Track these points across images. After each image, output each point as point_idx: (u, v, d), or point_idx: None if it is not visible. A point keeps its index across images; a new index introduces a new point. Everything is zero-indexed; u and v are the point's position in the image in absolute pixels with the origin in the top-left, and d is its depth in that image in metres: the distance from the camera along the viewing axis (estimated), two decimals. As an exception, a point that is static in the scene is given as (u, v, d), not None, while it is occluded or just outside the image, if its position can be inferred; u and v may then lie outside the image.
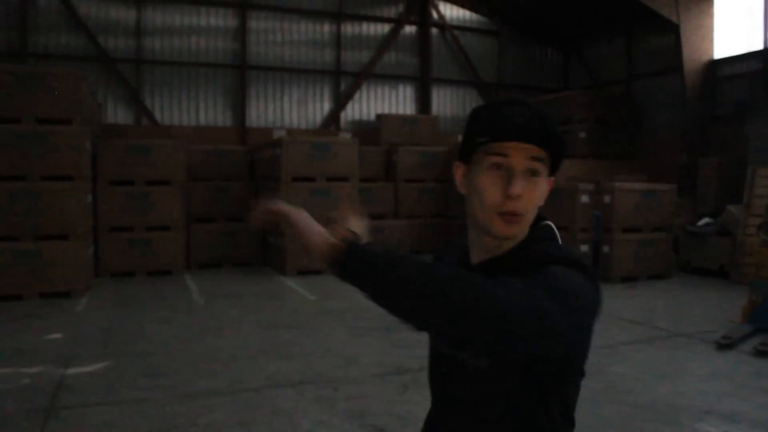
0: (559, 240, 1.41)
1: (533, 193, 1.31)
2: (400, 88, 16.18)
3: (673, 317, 7.51)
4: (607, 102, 14.82)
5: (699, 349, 6.16)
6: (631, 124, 15.01)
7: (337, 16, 15.49)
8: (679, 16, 12.69)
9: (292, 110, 15.16)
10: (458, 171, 1.42)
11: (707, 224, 10.74)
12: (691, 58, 13.03)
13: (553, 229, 1.42)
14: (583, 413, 4.39)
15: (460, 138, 1.35)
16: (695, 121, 13.25)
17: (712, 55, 13.27)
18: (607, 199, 9.99)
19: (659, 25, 13.72)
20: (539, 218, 1.42)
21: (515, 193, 1.27)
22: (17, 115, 8.44)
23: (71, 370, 5.24)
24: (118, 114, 13.85)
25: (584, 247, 9.98)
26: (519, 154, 1.28)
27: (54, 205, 8.47)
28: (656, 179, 11.80)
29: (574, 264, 1.25)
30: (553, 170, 1.37)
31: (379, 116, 14.93)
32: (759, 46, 12.55)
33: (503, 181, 1.29)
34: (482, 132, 1.31)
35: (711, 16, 13.18)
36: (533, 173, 1.30)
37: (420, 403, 1.57)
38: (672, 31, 13.22)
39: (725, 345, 6.18)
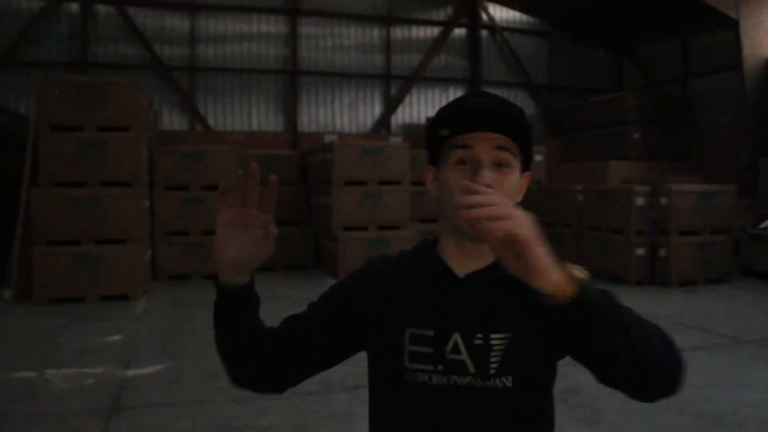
0: None
1: (504, 185, 1.24)
2: (451, 90, 16.13)
3: (735, 323, 7.28)
4: (662, 102, 14.50)
5: (763, 357, 5.96)
6: (687, 123, 14.65)
7: (387, 20, 15.55)
8: (738, 11, 12.34)
9: (343, 115, 15.28)
10: (428, 174, 1.38)
11: (770, 226, 10.40)
12: (751, 54, 12.64)
13: None
14: (643, 424, 4.32)
15: None
16: (755, 119, 12.85)
17: (773, 51, 12.85)
18: (663, 201, 9.76)
19: (717, 22, 13.37)
20: None
21: (482, 183, 1.20)
22: (79, 123, 8.71)
23: (131, 371, 5.38)
24: (173, 120, 14.18)
25: (640, 251, 9.77)
26: (483, 144, 1.24)
27: (113, 211, 8.70)
28: (715, 180, 11.47)
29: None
30: (525, 165, 1.32)
31: (429, 119, 14.91)
32: (823, 41, 12.12)
33: (471, 174, 1.23)
34: (443, 126, 1.28)
35: (772, 11, 12.77)
36: (501, 164, 1.25)
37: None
38: (730, 27, 12.86)
39: (791, 352, 5.98)
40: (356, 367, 5.37)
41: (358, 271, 1.46)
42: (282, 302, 8.43)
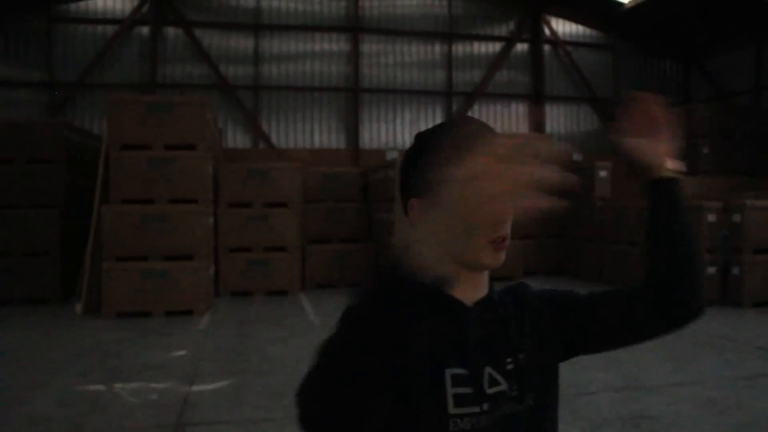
0: None
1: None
2: (513, 106, 15.98)
3: (816, 347, 6.91)
4: (732, 114, 13.99)
5: None
6: (760, 137, 14.09)
7: (448, 37, 15.53)
8: (815, 21, 11.84)
9: (405, 131, 15.30)
10: (415, 208, 1.24)
11: None
12: (830, 65, 12.10)
13: None
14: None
15: (575, 156, 1.24)
16: (835, 133, 12.27)
17: None
18: (736, 218, 9.38)
19: (792, 32, 12.86)
20: None
21: (504, 214, 1.08)
22: (148, 142, 8.97)
23: (195, 387, 5.44)
24: (237, 138, 14.47)
25: (712, 269, 9.40)
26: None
27: (180, 227, 8.90)
28: (791, 196, 10.99)
29: None
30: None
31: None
32: None
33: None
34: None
35: None
36: None
37: None
38: (807, 37, 12.35)
39: None
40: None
41: (377, 323, 1.17)
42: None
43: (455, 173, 1.00)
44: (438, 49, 15.59)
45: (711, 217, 9.48)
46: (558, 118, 16.28)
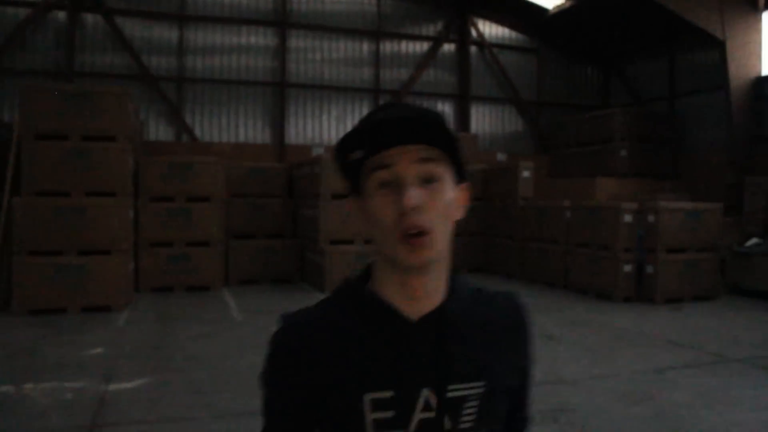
0: None
1: (435, 202, 1.09)
2: (439, 105, 16.12)
3: (722, 341, 7.27)
4: (649, 120, 14.61)
5: (753, 375, 5.94)
6: (674, 142, 14.74)
7: (376, 35, 15.55)
8: (724, 31, 12.46)
9: (331, 128, 15.23)
10: (350, 207, 1.19)
11: (756, 245, 10.45)
12: (737, 74, 12.76)
13: None
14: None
15: (499, 156, 1.20)
16: (741, 139, 12.95)
17: (759, 71, 12.98)
18: (651, 218, 9.77)
19: (703, 42, 13.49)
20: None
21: (409, 204, 1.05)
22: (64, 132, 8.60)
23: (113, 386, 5.24)
24: (159, 131, 14.06)
25: (627, 268, 9.76)
26: (403, 160, 1.07)
27: (97, 221, 8.58)
28: (701, 198, 11.54)
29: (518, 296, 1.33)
30: (459, 175, 1.16)
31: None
32: (808, 62, 12.26)
33: (394, 197, 1.07)
34: (354, 147, 1.10)
35: (758, 31, 12.91)
36: (429, 179, 1.09)
37: None
38: (717, 47, 12.98)
39: (780, 371, 5.96)
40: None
41: (275, 352, 1.18)
42: (267, 315, 8.34)
43: (367, 187, 1.11)
44: (366, 46, 15.59)
45: (627, 218, 9.83)
46: (483, 119, 16.55)
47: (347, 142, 1.12)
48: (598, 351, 6.69)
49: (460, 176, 1.16)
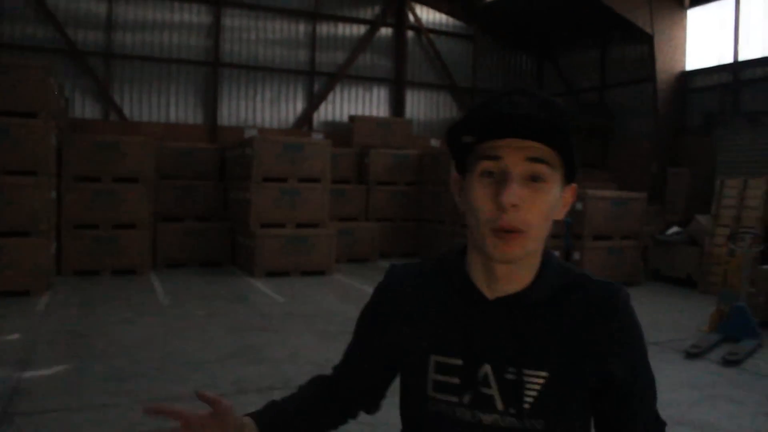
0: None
1: (536, 204, 1.07)
2: (374, 90, 16.11)
3: (642, 325, 7.50)
4: (580, 110, 14.93)
5: (668, 358, 6.17)
6: (603, 132, 15.13)
7: (313, 16, 15.37)
8: (653, 27, 12.82)
9: (265, 109, 15.01)
10: (455, 185, 1.20)
11: (676, 233, 10.84)
12: (664, 68, 13.17)
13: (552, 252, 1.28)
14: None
15: (433, 142, 1.20)
16: (666, 131, 13.39)
17: (684, 66, 13.45)
18: (579, 206, 10.02)
19: (633, 35, 13.87)
20: None
21: (507, 202, 1.03)
22: (-21, 107, 8.18)
23: (28, 374, 5.04)
24: (86, 109, 13.56)
25: (555, 254, 9.97)
26: (513, 155, 1.06)
27: (15, 201, 8.21)
28: (628, 187, 11.89)
29: (627, 299, 1.26)
30: (570, 175, 1.14)
31: (352, 118, 14.81)
32: (729, 59, 12.73)
33: (496, 189, 1.06)
34: (468, 131, 1.09)
35: (684, 28, 13.35)
36: (535, 178, 1.07)
37: (389, 410, 1.47)
38: (646, 41, 13.37)
39: (694, 354, 6.21)
40: (272, 367, 5.22)
41: (379, 288, 1.35)
42: (195, 300, 8.20)
43: (472, 171, 1.11)
44: (302, 28, 15.38)
45: (556, 205, 10.05)
46: (418, 104, 16.60)
47: (464, 122, 1.10)
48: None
49: (570, 177, 1.15)
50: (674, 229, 11.02)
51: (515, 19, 16.59)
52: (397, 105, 16.24)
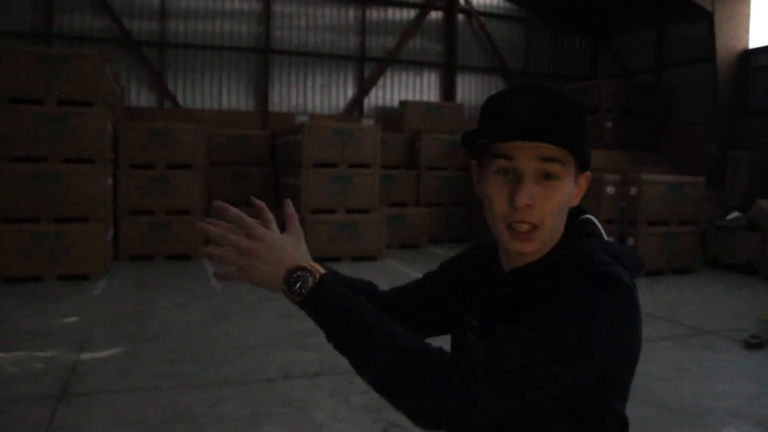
0: (603, 234, 1.28)
1: (549, 201, 1.13)
2: (425, 74, 15.97)
3: (699, 313, 7.31)
4: (635, 92, 14.50)
5: (726, 348, 5.97)
6: (660, 114, 14.69)
7: (362, 1, 15.30)
8: (713, 3, 12.34)
9: (315, 95, 15.05)
10: (475, 172, 1.27)
11: (736, 218, 10.47)
12: (725, 47, 12.66)
13: (593, 223, 1.27)
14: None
15: None
16: (727, 112, 12.90)
17: (747, 44, 12.89)
18: (633, 190, 9.77)
19: (692, 13, 13.37)
20: (579, 212, 1.29)
21: (521, 203, 1.11)
22: (40, 96, 8.42)
23: (85, 355, 5.20)
24: (141, 97, 13.84)
25: (609, 240, 9.76)
26: (526, 156, 1.11)
27: (74, 188, 8.46)
28: (685, 171, 11.54)
29: (602, 282, 1.10)
30: (583, 166, 1.20)
31: (402, 103, 14.74)
32: (795, 35, 12.18)
33: (510, 187, 1.13)
34: (483, 131, 1.16)
35: (747, 4, 12.79)
36: (548, 176, 1.13)
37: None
38: (705, 19, 12.87)
39: (754, 344, 5.99)
40: (319, 354, 5.25)
41: (459, 253, 1.51)
42: (246, 285, 8.30)
43: (488, 166, 1.18)
44: (352, 13, 15.34)
45: (610, 190, 9.83)
46: (469, 88, 16.40)
47: (480, 123, 1.19)
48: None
49: (584, 167, 1.20)
50: (734, 214, 10.63)
51: (568, 0, 16.20)
52: (447, 89, 16.08)
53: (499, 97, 1.19)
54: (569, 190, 1.17)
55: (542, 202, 1.13)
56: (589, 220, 1.27)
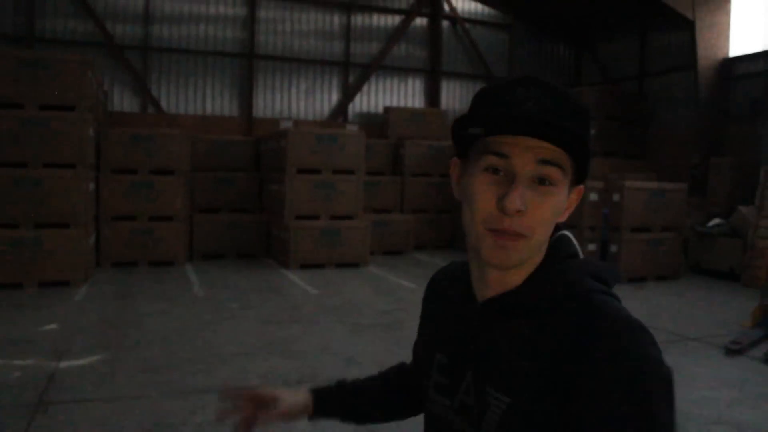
0: (580, 251, 1.09)
1: (541, 210, 0.96)
2: (410, 80, 16.01)
3: (681, 320, 7.36)
4: (619, 99, 14.59)
5: (707, 354, 6.01)
6: (642, 121, 14.80)
7: (348, 7, 15.32)
8: (694, 12, 12.46)
9: (300, 101, 15.03)
10: (454, 170, 1.11)
11: (717, 225, 10.56)
12: (706, 55, 12.79)
13: (570, 240, 1.09)
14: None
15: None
16: (708, 119, 13.02)
17: (727, 52, 13.03)
18: (616, 197, 9.82)
19: (674, 22, 13.49)
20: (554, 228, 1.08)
21: (511, 207, 0.93)
22: (21, 101, 8.35)
23: (64, 363, 5.14)
24: (124, 102, 13.75)
25: (592, 246, 9.83)
26: (523, 155, 0.95)
27: (55, 193, 8.38)
28: (667, 178, 11.62)
29: (641, 343, 0.93)
30: (580, 177, 1.03)
31: (387, 109, 14.76)
32: (775, 44, 12.33)
33: (500, 188, 0.96)
34: (477, 121, 0.98)
35: (727, 13, 12.93)
36: (543, 181, 0.96)
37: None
38: (687, 27, 12.99)
39: (735, 350, 6.03)
40: (301, 361, 5.22)
41: (425, 295, 1.35)
42: (229, 291, 8.27)
43: (475, 162, 1.01)
44: (337, 19, 15.35)
45: (593, 196, 9.88)
46: (454, 95, 16.45)
47: (472, 112, 1.02)
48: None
49: (580, 179, 1.03)
50: (716, 220, 10.73)
51: (552, 7, 16.28)
52: (432, 96, 16.12)
53: (499, 86, 1.02)
54: (563, 200, 1.00)
55: (534, 209, 0.95)
56: (565, 236, 1.09)
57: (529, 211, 0.95)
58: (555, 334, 0.97)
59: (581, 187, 1.05)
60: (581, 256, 1.09)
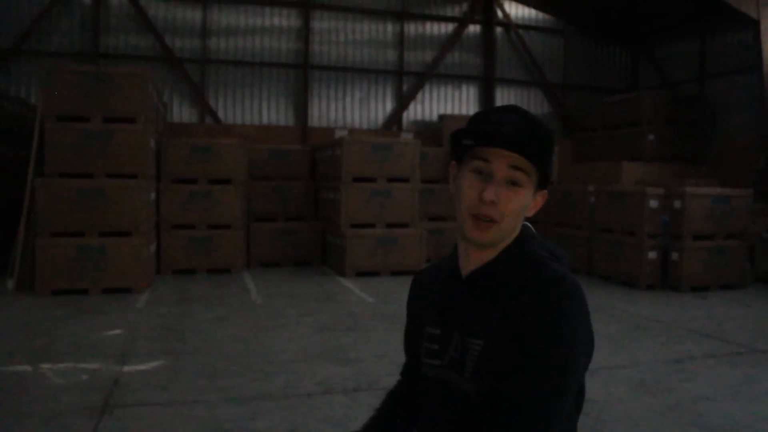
0: (537, 235, 1.48)
1: (510, 203, 1.34)
2: (464, 88, 15.95)
3: (749, 331, 7.09)
4: (678, 103, 14.25)
5: (777, 367, 5.78)
6: (703, 125, 14.39)
7: (400, 16, 15.37)
8: (759, 11, 12.08)
9: (354, 110, 15.13)
10: (451, 171, 1.47)
11: (786, 232, 10.17)
12: (771, 56, 12.36)
13: (529, 227, 1.47)
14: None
15: None
16: (774, 123, 12.58)
17: (794, 53, 12.56)
18: (677, 204, 9.56)
19: (737, 22, 13.11)
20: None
21: (488, 198, 1.31)
22: (86, 114, 8.64)
23: (128, 368, 5.27)
24: (183, 113, 14.09)
25: (652, 254, 9.57)
26: (500, 161, 1.33)
27: (118, 203, 8.62)
28: (731, 184, 11.26)
29: (559, 284, 1.31)
30: (542, 184, 1.40)
31: (441, 116, 14.72)
32: None
33: (481, 185, 1.34)
34: (469, 135, 1.36)
35: (794, 12, 12.48)
36: (513, 183, 1.34)
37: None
38: (751, 27, 12.60)
39: (807, 363, 5.78)
40: (358, 369, 5.23)
41: (411, 286, 1.71)
42: (286, 299, 8.35)
43: (466, 165, 1.39)
44: (390, 28, 15.41)
45: (653, 203, 9.63)
46: (509, 101, 16.28)
47: (468, 127, 1.39)
48: (618, 339, 6.56)
49: (543, 184, 1.41)
50: (784, 227, 10.33)
51: (607, 11, 16.01)
52: (486, 102, 16.01)
53: (488, 111, 1.42)
54: (528, 199, 1.38)
55: (504, 202, 1.33)
56: (527, 225, 1.47)
57: (501, 202, 1.33)
58: (516, 289, 1.35)
59: (545, 192, 1.43)
60: (539, 238, 1.48)
